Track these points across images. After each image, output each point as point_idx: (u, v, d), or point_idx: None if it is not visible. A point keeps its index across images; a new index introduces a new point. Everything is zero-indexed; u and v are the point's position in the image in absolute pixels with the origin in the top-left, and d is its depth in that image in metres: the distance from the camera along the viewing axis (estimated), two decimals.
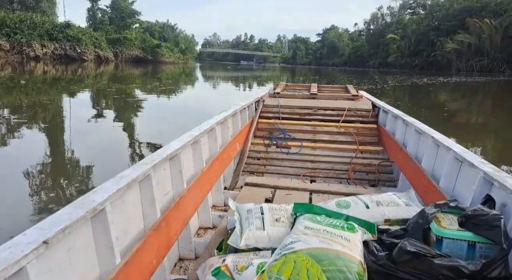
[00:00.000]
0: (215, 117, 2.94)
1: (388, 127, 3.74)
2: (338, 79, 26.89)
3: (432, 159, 2.42)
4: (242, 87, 22.98)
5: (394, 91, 18.46)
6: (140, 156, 5.28)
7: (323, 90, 5.56)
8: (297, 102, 4.62)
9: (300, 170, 3.42)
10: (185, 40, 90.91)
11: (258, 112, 4.24)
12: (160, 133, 6.81)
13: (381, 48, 66.88)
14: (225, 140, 3.08)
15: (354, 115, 4.31)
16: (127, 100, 11.89)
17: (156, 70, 34.09)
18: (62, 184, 4.07)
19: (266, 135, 4.03)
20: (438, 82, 25.11)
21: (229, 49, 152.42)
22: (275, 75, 42.82)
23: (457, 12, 49.59)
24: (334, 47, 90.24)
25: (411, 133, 2.96)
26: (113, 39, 42.73)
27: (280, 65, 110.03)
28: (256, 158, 3.68)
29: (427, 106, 12.88)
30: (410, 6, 70.06)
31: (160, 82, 20.68)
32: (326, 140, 3.93)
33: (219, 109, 3.40)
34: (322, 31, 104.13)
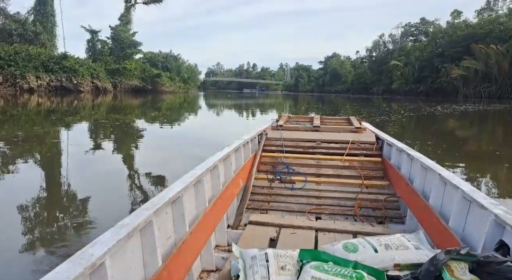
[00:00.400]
0: (217, 154, 2.87)
1: (393, 161, 3.68)
2: (343, 109, 25.37)
3: (440, 197, 2.35)
4: (245, 115, 22.42)
5: (412, 123, 16.12)
6: (139, 187, 5.14)
7: (326, 122, 5.52)
8: (300, 134, 4.62)
9: (305, 206, 3.30)
10: (188, 69, 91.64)
11: (261, 146, 4.19)
12: (159, 164, 6.65)
13: (384, 75, 66.41)
14: (228, 177, 3.01)
15: (358, 148, 4.23)
16: (125, 131, 11.56)
17: (156, 99, 33.49)
18: (58, 222, 3.83)
19: (270, 169, 3.93)
20: (456, 110, 23.20)
21: (232, 77, 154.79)
22: (277, 103, 42.21)
23: (461, 39, 49.03)
24: (336, 74, 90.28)
25: (417, 168, 2.89)
26: (112, 70, 42.16)
27: (283, 93, 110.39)
28: (259, 194, 3.56)
29: (469, 152, 9.13)
30: (412, 33, 70.18)
31: (159, 112, 20.37)
32: (330, 175, 3.83)
33: (221, 141, 3.93)
34: (324, 58, 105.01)
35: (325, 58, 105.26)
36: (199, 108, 27.75)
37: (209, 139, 9.87)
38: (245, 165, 3.50)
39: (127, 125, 13.33)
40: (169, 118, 16.94)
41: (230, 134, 9.04)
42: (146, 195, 4.64)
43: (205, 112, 23.95)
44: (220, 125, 15.26)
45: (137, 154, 7.86)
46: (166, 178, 5.56)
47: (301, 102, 43.47)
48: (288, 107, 32.37)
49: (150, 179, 5.66)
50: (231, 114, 22.56)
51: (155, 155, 7.74)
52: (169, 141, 9.95)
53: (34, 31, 37.16)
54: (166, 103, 30.22)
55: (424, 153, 3.07)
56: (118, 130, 11.67)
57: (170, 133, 11.87)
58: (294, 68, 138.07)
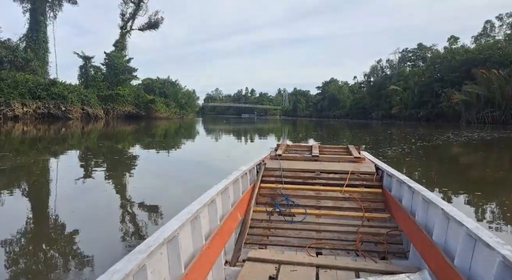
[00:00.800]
0: (215, 187, 2.80)
1: (394, 193, 3.58)
2: (344, 136, 23.71)
3: (443, 232, 2.27)
4: (243, 141, 21.48)
5: (433, 156, 12.75)
6: (132, 218, 4.86)
7: (325, 151, 5.46)
8: (299, 164, 4.52)
9: (305, 241, 3.16)
10: (186, 95, 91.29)
11: (260, 176, 4.10)
12: (153, 194, 6.35)
13: (383, 99, 65.73)
14: (226, 211, 2.94)
15: (358, 178, 4.14)
16: (116, 160, 10.90)
17: (149, 126, 32.24)
18: (40, 265, 3.37)
19: (269, 201, 3.84)
20: (472, 138, 21.27)
21: (231, 102, 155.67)
22: (276, 128, 41.40)
23: (460, 64, 48.54)
24: (334, 99, 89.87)
25: (419, 201, 2.79)
26: (105, 96, 40.99)
27: (281, 118, 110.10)
28: (258, 227, 3.43)
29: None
30: (410, 58, 70.18)
31: (154, 138, 19.73)
32: (330, 207, 3.75)
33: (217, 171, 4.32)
34: (322, 84, 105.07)
35: (323, 83, 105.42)
36: (196, 134, 26.46)
37: (206, 169, 9.27)
38: (243, 198, 3.43)
39: (118, 153, 12.61)
40: (164, 145, 15.90)
41: (228, 165, 8.73)
42: (139, 231, 4.34)
43: (202, 138, 22.46)
44: (217, 154, 13.80)
45: (129, 185, 7.22)
46: (161, 211, 5.20)
47: (299, 127, 42.53)
48: (287, 133, 31.06)
49: (144, 211, 5.26)
50: (228, 141, 21.08)
51: (148, 186, 7.22)
52: (162, 171, 9.23)
53: (25, 57, 36.31)
54: (160, 129, 29.01)
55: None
56: (108, 159, 10.97)
57: (164, 162, 11.10)
58: (292, 93, 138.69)
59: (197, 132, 28.01)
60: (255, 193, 3.77)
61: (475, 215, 5.12)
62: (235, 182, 3.31)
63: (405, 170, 8.79)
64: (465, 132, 26.99)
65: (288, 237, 3.25)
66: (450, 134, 24.32)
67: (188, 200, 2.44)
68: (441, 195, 6.24)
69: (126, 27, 49.02)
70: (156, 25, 51.09)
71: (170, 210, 4.75)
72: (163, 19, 51.26)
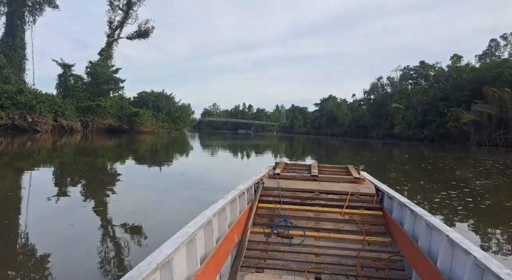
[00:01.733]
0: (212, 207, 2.72)
1: (395, 216, 3.49)
2: (345, 157, 20.40)
3: (448, 260, 2.18)
4: (239, 158, 19.92)
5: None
6: (115, 241, 4.30)
7: (324, 170, 5.31)
8: (298, 184, 4.44)
9: (303, 265, 3.01)
10: (180, 109, 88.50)
11: (258, 196, 4.02)
12: (137, 215, 5.49)
13: (384, 118, 62.80)
14: (222, 232, 2.87)
15: (358, 200, 4.05)
16: (93, 176, 9.92)
17: (132, 140, 29.07)
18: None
19: (267, 222, 3.72)
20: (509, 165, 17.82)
21: (228, 118, 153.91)
22: (273, 144, 39.45)
23: (467, 82, 45.78)
24: (333, 117, 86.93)
25: (422, 226, 2.70)
26: (85, 107, 37.57)
27: (278, 134, 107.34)
28: (255, 249, 3.30)
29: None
30: (411, 76, 67.70)
31: (137, 154, 18.35)
32: (330, 229, 3.63)
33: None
34: (320, 100, 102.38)
35: (321, 100, 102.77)
36: (183, 151, 23.04)
37: (192, 193, 8.04)
38: (240, 218, 3.35)
39: (92, 172, 10.94)
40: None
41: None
42: (123, 257, 3.82)
43: (185, 159, 19.38)
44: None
45: (109, 207, 6.18)
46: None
47: (296, 144, 39.82)
48: (283, 150, 28.66)
49: (129, 231, 4.67)
50: (219, 162, 17.89)
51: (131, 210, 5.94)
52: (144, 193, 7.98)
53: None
54: (145, 144, 25.97)
55: None
56: (76, 179, 9.55)
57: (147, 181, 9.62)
58: (289, 109, 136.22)
59: (186, 149, 24.79)
60: (252, 213, 3.68)
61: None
62: (232, 202, 3.26)
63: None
64: (482, 156, 23.55)
65: (286, 260, 3.12)
66: (490, 161, 20.05)
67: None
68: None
69: (113, 35, 46.16)
70: (146, 34, 48.31)
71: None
72: (153, 28, 48.55)
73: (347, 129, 78.76)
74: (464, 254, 1.95)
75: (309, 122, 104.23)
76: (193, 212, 2.71)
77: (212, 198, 3.11)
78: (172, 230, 2.12)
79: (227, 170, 13.92)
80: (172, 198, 7.42)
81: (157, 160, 15.96)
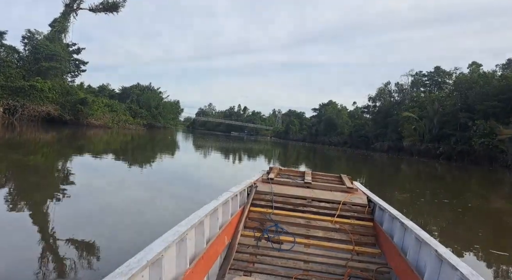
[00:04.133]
0: (204, 207, 2.74)
1: (385, 227, 3.53)
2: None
3: (435, 275, 2.22)
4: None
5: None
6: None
7: (317, 178, 5.27)
8: (291, 190, 4.44)
9: (291, 271, 3.06)
10: (164, 105, 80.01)
11: (250, 199, 4.04)
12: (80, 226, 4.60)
13: (391, 128, 54.63)
14: (213, 233, 2.89)
15: (349, 210, 4.09)
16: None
17: (76, 135, 21.90)
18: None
19: (258, 226, 3.74)
20: None
21: (222, 119, 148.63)
22: (264, 150, 34.13)
23: (498, 91, 37.68)
24: (332, 124, 78.69)
25: (411, 239, 2.75)
26: (14, 88, 28.89)
27: (272, 139, 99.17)
28: (245, 253, 3.33)
29: None
30: (423, 83, 59.63)
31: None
32: (320, 237, 3.68)
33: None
34: (319, 105, 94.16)
35: (320, 105, 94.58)
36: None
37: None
38: (232, 221, 3.36)
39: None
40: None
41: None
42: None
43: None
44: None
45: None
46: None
47: (290, 151, 35.01)
48: (272, 161, 23.15)
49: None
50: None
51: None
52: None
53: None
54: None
55: None
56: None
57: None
58: (286, 114, 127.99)
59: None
60: (244, 216, 3.68)
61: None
62: (225, 203, 3.26)
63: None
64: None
65: (274, 265, 3.15)
66: None
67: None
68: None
69: (71, 5, 37.59)
70: (114, 7, 39.85)
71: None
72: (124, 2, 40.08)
73: (347, 139, 70.66)
74: (451, 269, 1.96)
75: (306, 128, 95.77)
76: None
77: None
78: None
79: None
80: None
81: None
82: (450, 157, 40.91)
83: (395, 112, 57.00)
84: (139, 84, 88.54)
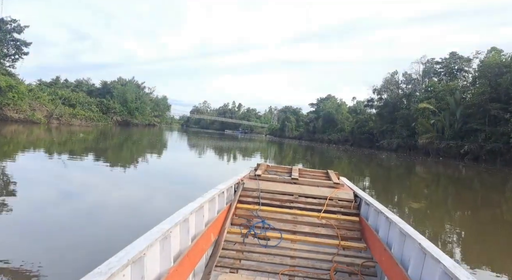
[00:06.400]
0: (189, 205, 2.68)
1: (371, 222, 3.55)
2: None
3: (419, 268, 2.25)
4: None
5: None
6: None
7: (304, 174, 5.26)
8: (278, 186, 4.48)
9: (278, 267, 3.08)
10: (143, 100, 72.17)
11: (237, 196, 4.04)
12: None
13: (400, 123, 47.06)
14: (198, 230, 2.84)
15: (336, 205, 4.11)
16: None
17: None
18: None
19: (244, 223, 3.71)
20: None
21: (215, 116, 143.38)
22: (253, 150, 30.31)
23: None
24: (331, 120, 71.01)
25: (396, 233, 2.76)
26: None
27: (267, 137, 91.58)
28: (231, 249, 3.30)
29: None
30: (436, 71, 51.88)
31: None
32: (306, 232, 3.68)
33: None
34: (317, 100, 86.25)
35: (317, 99, 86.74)
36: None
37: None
38: (218, 218, 3.34)
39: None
40: None
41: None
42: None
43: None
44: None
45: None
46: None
47: (286, 151, 29.92)
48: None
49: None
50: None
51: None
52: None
53: None
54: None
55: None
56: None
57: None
58: (281, 110, 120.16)
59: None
60: (231, 213, 3.66)
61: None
62: (211, 200, 3.24)
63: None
64: None
65: (261, 262, 3.14)
66: None
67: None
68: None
69: None
70: None
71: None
72: None
73: (349, 136, 63.07)
74: (434, 262, 1.97)
75: (303, 125, 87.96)
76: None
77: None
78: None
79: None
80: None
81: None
82: (478, 157, 33.40)
83: (404, 105, 49.38)
84: (121, 78, 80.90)
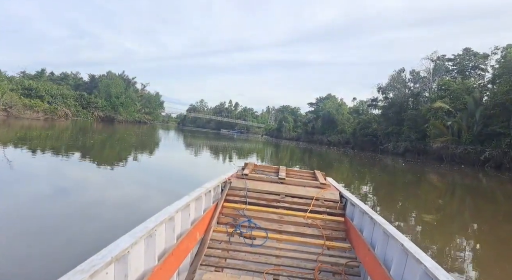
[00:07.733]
0: (175, 203, 2.68)
1: (356, 222, 3.59)
2: None
3: (401, 268, 2.28)
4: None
5: None
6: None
7: (292, 174, 5.30)
8: (265, 186, 4.50)
9: (263, 266, 3.10)
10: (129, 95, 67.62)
11: (224, 195, 4.06)
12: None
13: (408, 125, 42.49)
14: (184, 229, 2.83)
15: (322, 205, 4.15)
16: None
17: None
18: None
19: (231, 222, 3.72)
20: None
21: (211, 115, 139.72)
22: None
23: None
24: (331, 121, 66.41)
25: (379, 233, 2.81)
26: None
27: (263, 137, 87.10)
28: (217, 248, 3.30)
29: None
30: (447, 69, 47.39)
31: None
32: (292, 232, 3.71)
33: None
34: (316, 99, 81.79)
35: (317, 99, 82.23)
36: None
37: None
38: (204, 216, 3.35)
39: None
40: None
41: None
42: None
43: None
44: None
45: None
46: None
47: (282, 153, 28.64)
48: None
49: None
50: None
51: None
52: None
53: None
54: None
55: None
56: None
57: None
58: (279, 109, 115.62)
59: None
60: (217, 212, 3.68)
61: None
62: (197, 199, 3.24)
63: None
64: None
65: (246, 260, 3.15)
66: None
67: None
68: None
69: None
70: None
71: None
72: None
73: (350, 138, 58.46)
74: (416, 263, 1.98)
75: (301, 125, 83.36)
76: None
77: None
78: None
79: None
80: None
81: None
82: (500, 165, 28.85)
83: (411, 105, 44.88)
84: (111, 72, 76.31)
